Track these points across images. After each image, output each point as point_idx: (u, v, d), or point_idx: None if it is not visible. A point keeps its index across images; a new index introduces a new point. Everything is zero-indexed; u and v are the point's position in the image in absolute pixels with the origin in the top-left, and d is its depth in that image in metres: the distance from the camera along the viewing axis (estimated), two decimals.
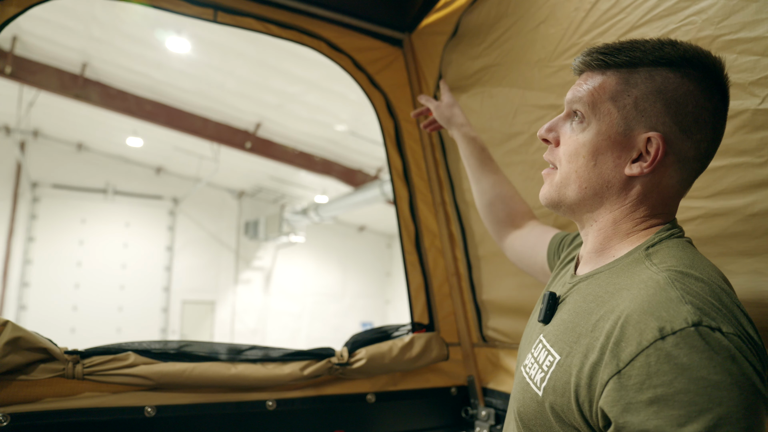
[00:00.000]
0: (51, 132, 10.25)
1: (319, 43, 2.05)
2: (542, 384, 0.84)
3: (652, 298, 0.72)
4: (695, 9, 1.10)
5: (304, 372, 1.66)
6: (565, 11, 1.43)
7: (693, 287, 0.72)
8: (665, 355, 0.66)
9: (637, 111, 0.85)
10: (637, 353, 0.68)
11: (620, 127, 0.86)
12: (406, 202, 2.10)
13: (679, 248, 0.83)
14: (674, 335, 0.67)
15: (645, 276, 0.78)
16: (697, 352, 0.65)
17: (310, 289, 13.28)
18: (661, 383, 0.66)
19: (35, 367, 1.34)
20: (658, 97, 0.84)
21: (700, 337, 0.66)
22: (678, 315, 0.68)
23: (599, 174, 0.88)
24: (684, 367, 0.65)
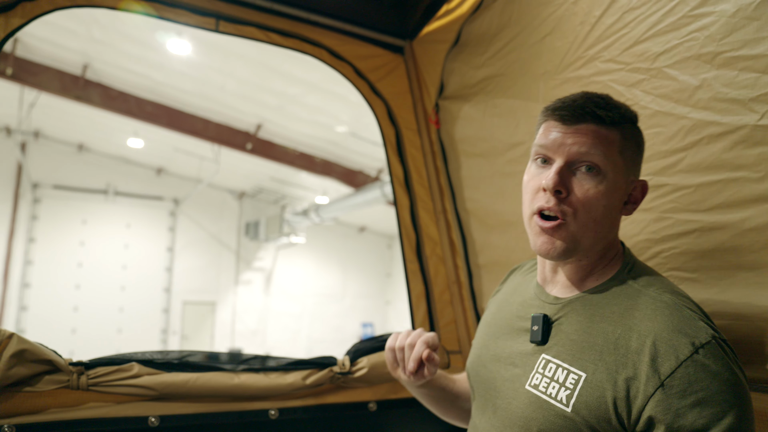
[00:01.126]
0: (52, 133, 10.26)
1: (321, 51, 2.06)
2: (570, 401, 0.91)
3: (672, 318, 0.87)
4: (698, 25, 1.11)
5: (306, 381, 1.67)
6: (571, 25, 1.44)
7: (691, 306, 0.90)
8: (701, 365, 0.82)
9: (633, 162, 1.01)
10: (677, 366, 0.82)
11: (626, 176, 1.00)
12: (407, 210, 2.10)
13: (646, 271, 1.01)
14: (703, 348, 0.83)
15: (648, 299, 0.93)
16: (720, 360, 0.82)
17: (310, 290, 13.29)
18: (701, 388, 0.80)
19: (40, 379, 1.35)
20: (638, 149, 1.03)
21: (719, 347, 0.84)
22: (700, 331, 0.85)
23: (611, 220, 1.00)
24: (715, 373, 0.81)
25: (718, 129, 1.09)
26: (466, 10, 1.87)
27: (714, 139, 1.11)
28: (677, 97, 1.17)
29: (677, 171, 1.19)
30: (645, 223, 1.28)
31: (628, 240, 1.32)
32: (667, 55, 1.19)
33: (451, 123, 2.04)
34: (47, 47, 6.77)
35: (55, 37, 6.53)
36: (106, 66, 7.12)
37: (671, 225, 1.22)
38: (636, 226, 1.30)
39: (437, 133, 2.11)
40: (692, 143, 1.15)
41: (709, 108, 1.11)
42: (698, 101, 1.13)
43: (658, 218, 1.25)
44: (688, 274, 1.20)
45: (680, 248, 1.21)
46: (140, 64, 6.98)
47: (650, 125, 1.24)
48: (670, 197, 1.22)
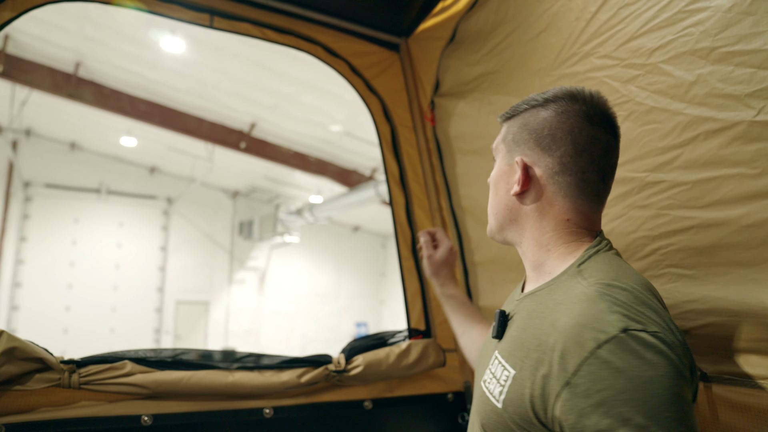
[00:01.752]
0: (44, 131, 10.20)
1: (316, 47, 2.05)
2: (501, 397, 0.93)
3: (585, 311, 0.83)
4: (693, 21, 1.11)
5: (301, 379, 1.66)
6: (566, 21, 1.43)
7: (618, 296, 0.83)
8: (603, 361, 0.76)
9: (515, 143, 1.05)
10: (581, 363, 0.78)
11: (507, 158, 1.07)
12: (402, 208, 2.10)
13: (605, 262, 0.94)
14: (608, 343, 0.77)
15: (578, 291, 0.88)
16: (628, 355, 0.76)
17: (304, 290, 13.27)
18: (605, 387, 0.75)
19: (31, 377, 1.33)
20: (524, 127, 1.04)
21: (629, 340, 0.77)
22: (608, 324, 0.79)
23: (504, 204, 1.07)
24: (620, 370, 0.75)
25: (714, 125, 1.09)
26: (462, 7, 1.86)
27: (711, 135, 1.10)
28: (673, 93, 1.17)
29: (674, 167, 1.19)
30: (642, 220, 1.28)
31: (626, 237, 1.31)
32: (662, 51, 1.18)
33: (446, 120, 2.03)
34: (39, 44, 6.73)
35: (47, 34, 6.49)
36: (99, 64, 7.08)
37: (669, 222, 1.22)
38: (633, 223, 1.30)
39: (433, 130, 2.11)
40: (689, 139, 1.15)
41: (706, 104, 1.10)
42: (694, 97, 1.13)
43: (655, 215, 1.25)
44: (686, 270, 1.20)
45: (678, 245, 1.21)
46: (133, 62, 6.94)
47: (646, 121, 1.24)
48: (667, 194, 1.21)
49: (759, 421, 1.05)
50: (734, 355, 1.12)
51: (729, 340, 1.13)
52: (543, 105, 1.03)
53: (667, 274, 1.24)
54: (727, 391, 1.12)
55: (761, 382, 1.06)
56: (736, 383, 1.10)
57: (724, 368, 1.14)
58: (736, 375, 1.11)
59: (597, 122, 0.99)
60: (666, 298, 1.07)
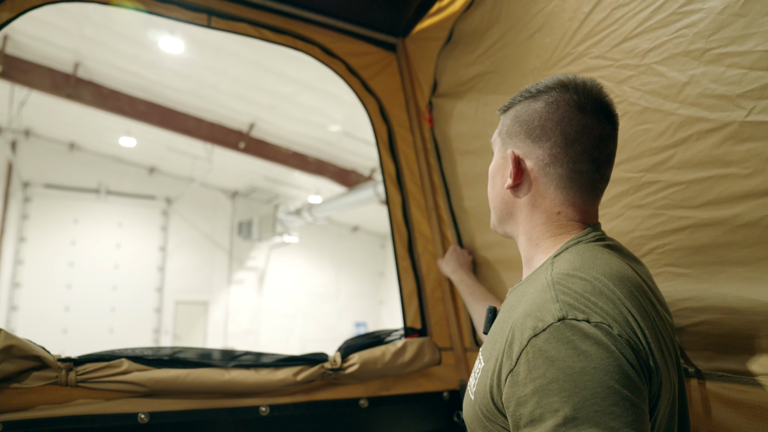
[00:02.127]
0: (43, 131, 10.20)
1: (313, 48, 2.05)
2: (473, 389, 0.94)
3: (534, 300, 0.83)
4: (686, 22, 1.12)
5: (297, 377, 1.67)
6: (560, 21, 1.44)
7: (572, 286, 0.82)
8: (538, 350, 0.76)
9: (508, 136, 1.04)
10: (520, 351, 0.78)
11: (502, 151, 1.06)
12: (399, 207, 2.10)
13: (577, 253, 0.92)
14: (544, 331, 0.76)
15: (539, 282, 0.88)
16: (562, 344, 0.74)
17: (303, 290, 13.27)
18: (538, 376, 0.74)
19: (28, 375, 1.34)
20: (516, 120, 1.02)
21: (565, 329, 0.75)
22: (547, 312, 0.78)
23: (500, 197, 1.06)
24: (553, 359, 0.74)
25: (706, 125, 1.10)
26: (458, 7, 1.87)
27: (703, 135, 1.11)
28: (666, 93, 1.18)
29: (669, 167, 1.20)
30: (640, 220, 1.29)
31: (624, 236, 1.33)
32: (655, 52, 1.19)
33: (444, 121, 2.04)
34: (38, 45, 6.73)
35: (46, 34, 6.49)
36: (98, 64, 7.09)
37: (665, 221, 1.23)
38: (631, 222, 1.31)
39: (431, 131, 2.11)
40: (682, 140, 1.16)
41: (698, 104, 1.11)
42: (686, 97, 1.14)
43: (652, 215, 1.26)
44: (683, 269, 1.21)
45: (674, 244, 1.22)
46: (132, 63, 6.94)
47: (640, 122, 1.25)
48: (663, 194, 1.22)
49: (751, 417, 1.06)
50: (728, 352, 1.13)
51: (723, 337, 1.14)
52: (535, 96, 1.01)
53: (664, 272, 1.25)
54: (720, 388, 1.13)
55: (754, 379, 1.07)
56: (729, 380, 1.12)
57: (717, 365, 1.15)
58: (730, 371, 1.12)
59: (589, 111, 0.96)
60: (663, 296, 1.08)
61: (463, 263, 1.98)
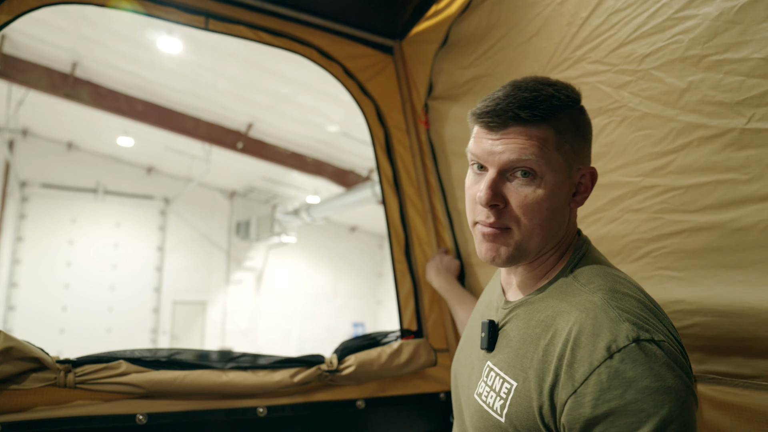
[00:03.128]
0: (40, 131, 10.18)
1: (311, 50, 2.06)
2: (503, 411, 0.89)
3: (595, 320, 0.81)
4: (682, 28, 1.12)
5: (294, 379, 1.68)
6: (558, 26, 1.45)
7: (625, 304, 0.83)
8: (614, 371, 0.76)
9: (574, 153, 0.92)
10: (590, 372, 0.77)
11: (566, 171, 0.92)
12: (396, 210, 2.11)
13: (597, 265, 0.93)
14: (620, 352, 0.77)
15: (582, 299, 0.86)
16: (640, 365, 0.75)
17: (301, 290, 13.27)
18: (614, 396, 0.75)
19: (27, 377, 1.34)
20: (580, 135, 0.93)
21: (640, 351, 0.76)
22: (620, 333, 0.78)
23: (559, 220, 0.94)
24: (631, 380, 0.75)
25: (707, 132, 1.11)
26: (454, 10, 1.88)
27: (704, 141, 1.12)
28: (665, 100, 1.19)
29: (668, 172, 1.21)
30: (637, 223, 1.30)
31: (620, 240, 1.33)
32: (653, 57, 1.20)
33: (440, 123, 2.05)
34: (36, 44, 6.72)
35: (44, 34, 6.48)
36: (96, 64, 7.08)
37: (662, 225, 1.24)
38: (628, 226, 1.32)
39: (427, 133, 2.12)
40: (682, 145, 1.17)
41: (698, 111, 1.12)
42: (686, 104, 1.14)
43: (649, 218, 1.27)
44: (676, 272, 1.22)
45: (670, 248, 1.23)
46: (130, 63, 6.94)
47: (640, 127, 1.25)
48: (661, 198, 1.23)
49: (741, 419, 1.07)
50: (719, 355, 1.14)
51: (714, 340, 1.15)
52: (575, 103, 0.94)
53: (657, 275, 1.26)
54: (711, 390, 1.14)
55: (745, 382, 1.08)
56: (720, 382, 1.13)
57: (708, 367, 1.16)
58: (721, 374, 1.13)
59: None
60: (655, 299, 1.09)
61: (443, 269, 1.96)
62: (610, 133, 1.33)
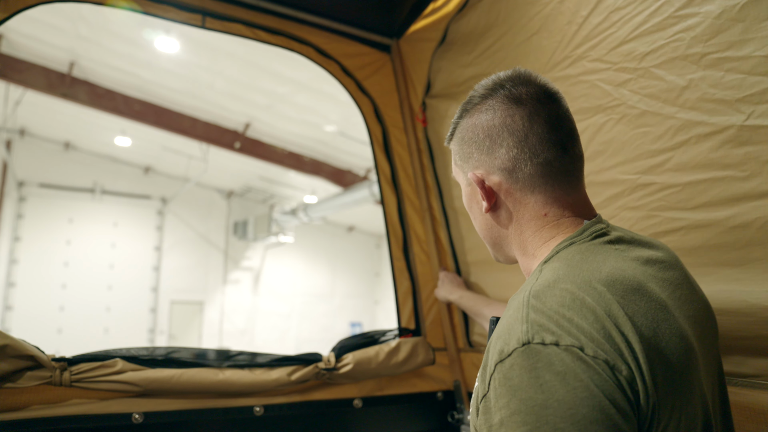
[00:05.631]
0: (38, 131, 10.16)
1: (308, 48, 2.05)
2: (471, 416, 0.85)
3: (508, 320, 0.75)
4: (683, 26, 1.12)
5: (291, 377, 1.67)
6: (558, 24, 1.45)
7: (548, 301, 0.72)
8: (503, 377, 0.69)
9: (463, 160, 0.99)
10: (490, 377, 0.72)
11: (465, 179, 1.00)
12: (394, 208, 2.11)
13: (566, 258, 0.82)
14: (509, 357, 0.69)
15: (519, 297, 0.79)
16: (525, 372, 0.67)
17: (299, 290, 13.26)
18: (503, 405, 0.68)
19: (22, 375, 1.33)
20: (462, 142, 0.98)
21: (529, 356, 0.68)
22: (513, 335, 0.71)
23: (482, 222, 1.01)
24: (515, 389, 0.67)
25: (705, 129, 1.10)
26: (452, 8, 1.87)
27: (702, 138, 1.12)
28: (665, 97, 1.18)
29: (665, 170, 1.20)
30: (633, 221, 1.29)
31: None
32: (653, 55, 1.19)
33: (438, 121, 2.04)
34: (33, 44, 6.71)
35: (42, 34, 6.47)
36: (93, 63, 7.06)
37: (659, 223, 1.23)
38: (625, 223, 1.31)
39: (424, 131, 2.12)
40: (680, 143, 1.16)
41: (697, 108, 1.12)
42: (686, 101, 1.14)
43: (646, 216, 1.26)
44: None
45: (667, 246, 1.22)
46: (128, 62, 6.93)
47: (638, 125, 1.25)
48: (657, 195, 1.23)
49: (741, 418, 1.06)
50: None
51: None
52: (470, 111, 0.96)
53: None
54: None
55: (744, 381, 1.08)
56: None
57: None
58: None
59: (525, 99, 0.90)
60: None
61: (458, 284, 2.00)
62: (609, 131, 1.33)
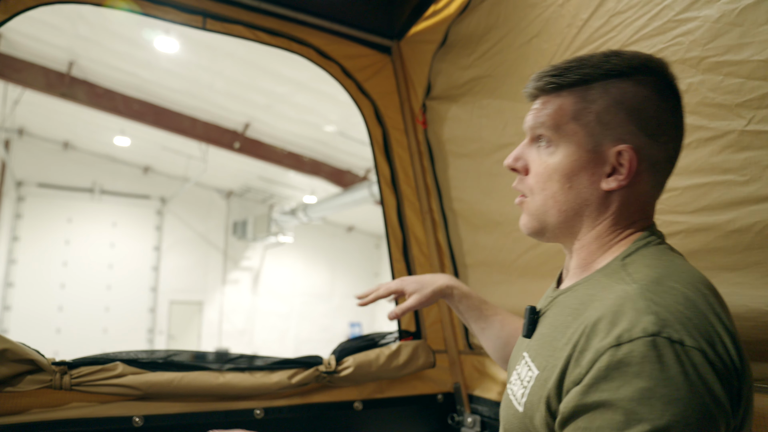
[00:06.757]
0: (37, 130, 10.16)
1: (308, 50, 2.05)
2: (522, 400, 0.84)
3: (620, 308, 0.72)
4: (683, 30, 1.12)
5: (291, 380, 1.67)
6: (558, 27, 1.44)
7: (664, 297, 0.71)
8: (617, 361, 0.66)
9: (602, 125, 0.84)
10: (594, 360, 0.69)
11: (588, 144, 0.85)
12: (394, 210, 2.10)
13: (655, 257, 0.81)
14: (630, 343, 0.67)
15: (618, 288, 0.76)
16: (648, 363, 0.65)
17: (298, 290, 13.26)
18: (609, 388, 0.66)
19: (22, 379, 1.33)
20: (619, 108, 0.83)
21: (655, 348, 0.66)
22: (638, 324, 0.68)
23: (576, 194, 0.87)
24: (633, 376, 0.65)
25: (706, 133, 1.10)
26: (453, 10, 1.87)
27: (703, 143, 1.11)
28: None
29: None
30: None
31: None
32: None
33: (438, 123, 2.04)
34: (32, 44, 6.70)
35: (41, 33, 6.46)
36: (93, 63, 7.06)
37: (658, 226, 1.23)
38: None
39: (424, 133, 2.12)
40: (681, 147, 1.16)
41: (697, 112, 1.11)
42: (686, 105, 1.13)
43: None
44: None
45: None
46: (127, 62, 6.92)
47: None
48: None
49: None
50: None
51: None
52: (629, 75, 0.84)
53: None
54: None
55: None
56: None
57: None
58: None
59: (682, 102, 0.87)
60: None
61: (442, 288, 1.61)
62: None
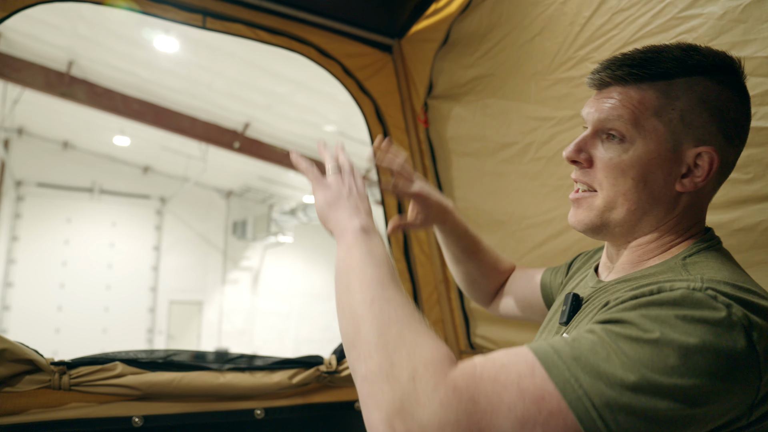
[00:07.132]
0: (36, 130, 10.14)
1: (309, 49, 2.04)
2: None
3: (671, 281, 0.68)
4: (686, 27, 1.11)
5: (292, 380, 1.66)
6: (561, 25, 1.44)
7: (725, 289, 0.65)
8: (647, 302, 0.64)
9: (684, 124, 0.80)
10: (632, 292, 0.67)
11: (669, 143, 0.80)
12: (394, 209, 2.10)
13: (718, 260, 0.77)
14: (669, 291, 0.64)
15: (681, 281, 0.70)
16: (697, 308, 0.61)
17: (298, 290, 13.25)
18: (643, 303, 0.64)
19: (21, 379, 1.32)
20: (703, 108, 0.79)
21: (693, 297, 0.62)
22: (683, 283, 0.65)
23: (649, 194, 0.82)
24: (673, 304, 0.62)
25: None
26: (454, 9, 1.87)
27: None
28: None
29: None
30: None
31: None
32: None
33: (441, 122, 2.03)
34: (32, 43, 6.69)
35: (40, 32, 6.45)
36: (92, 63, 7.05)
37: None
38: None
39: (426, 132, 2.11)
40: None
41: None
42: None
43: None
44: None
45: None
46: (127, 62, 6.91)
47: None
48: None
49: None
50: None
51: None
52: (712, 74, 0.80)
53: None
54: None
55: None
56: None
57: None
58: None
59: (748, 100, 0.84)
60: None
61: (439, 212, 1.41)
62: None
